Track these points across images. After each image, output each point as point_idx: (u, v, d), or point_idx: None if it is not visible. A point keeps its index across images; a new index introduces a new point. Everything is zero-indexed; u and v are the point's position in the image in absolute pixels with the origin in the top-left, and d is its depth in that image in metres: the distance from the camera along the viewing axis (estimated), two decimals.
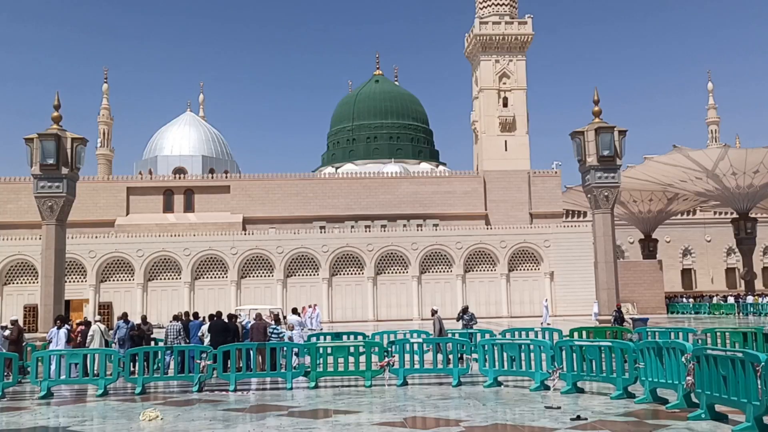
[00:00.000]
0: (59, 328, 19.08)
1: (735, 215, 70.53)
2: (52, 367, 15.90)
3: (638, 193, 73.33)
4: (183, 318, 21.41)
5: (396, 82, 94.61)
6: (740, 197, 66.08)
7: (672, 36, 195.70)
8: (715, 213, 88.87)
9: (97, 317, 23.48)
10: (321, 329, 29.14)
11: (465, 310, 26.61)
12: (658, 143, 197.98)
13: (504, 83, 67.98)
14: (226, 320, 19.79)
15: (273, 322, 22.08)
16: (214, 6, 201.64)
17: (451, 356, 16.71)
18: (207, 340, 19.02)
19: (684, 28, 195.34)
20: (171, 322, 20.62)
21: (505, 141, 67.14)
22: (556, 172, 68.04)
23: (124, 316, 20.65)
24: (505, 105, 67.51)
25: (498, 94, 67.72)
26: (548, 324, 37.06)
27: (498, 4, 69.42)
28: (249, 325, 20.12)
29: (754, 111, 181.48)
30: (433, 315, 22.46)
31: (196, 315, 21.46)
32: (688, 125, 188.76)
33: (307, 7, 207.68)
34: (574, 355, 14.22)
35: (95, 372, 15.94)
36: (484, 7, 69.89)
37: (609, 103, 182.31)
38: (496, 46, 67.90)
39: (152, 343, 20.77)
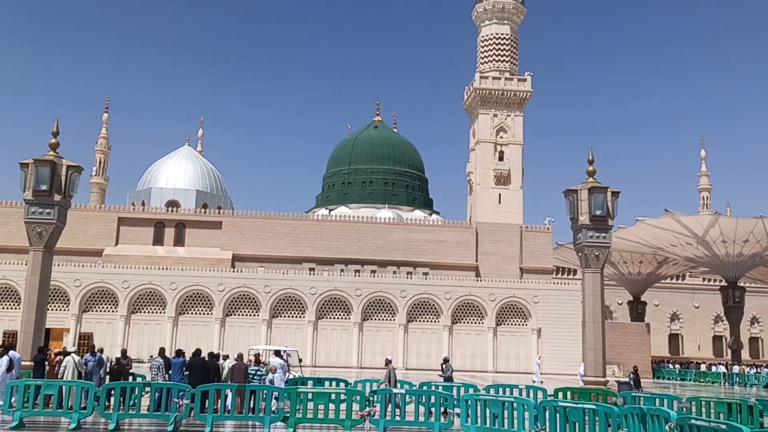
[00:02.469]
0: (1, 356, 18.66)
1: (724, 283, 70.59)
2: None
3: (629, 255, 73.55)
4: (164, 354, 21.01)
5: (395, 129, 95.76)
6: (729, 265, 66.29)
7: (666, 98, 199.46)
8: (704, 279, 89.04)
9: (72, 348, 22.85)
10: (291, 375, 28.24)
11: (446, 361, 26.51)
12: (649, 203, 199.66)
13: (501, 137, 68.77)
14: (206, 358, 19.47)
15: (254, 363, 21.70)
16: (220, 45, 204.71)
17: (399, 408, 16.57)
18: None
19: (679, 91, 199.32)
20: (154, 357, 20.27)
21: (500, 194, 67.58)
22: (548, 228, 68.32)
23: (92, 349, 20.21)
24: (501, 158, 68.16)
25: (494, 148, 68.44)
26: (540, 382, 36.13)
27: (499, 60, 70.68)
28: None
29: (745, 177, 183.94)
30: (386, 365, 21.95)
31: (179, 352, 20.85)
32: (681, 186, 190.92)
33: (313, 50, 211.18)
34: (558, 415, 14.01)
35: (69, 405, 15.59)
36: (485, 62, 71.15)
37: (602, 161, 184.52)
38: (494, 100, 68.91)
39: (130, 378, 20.39)
